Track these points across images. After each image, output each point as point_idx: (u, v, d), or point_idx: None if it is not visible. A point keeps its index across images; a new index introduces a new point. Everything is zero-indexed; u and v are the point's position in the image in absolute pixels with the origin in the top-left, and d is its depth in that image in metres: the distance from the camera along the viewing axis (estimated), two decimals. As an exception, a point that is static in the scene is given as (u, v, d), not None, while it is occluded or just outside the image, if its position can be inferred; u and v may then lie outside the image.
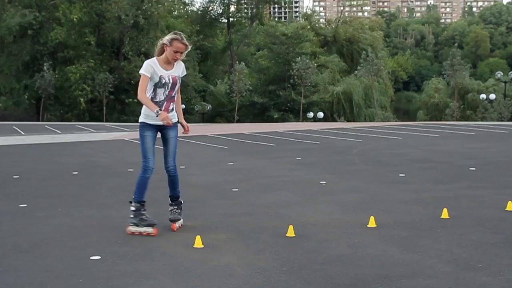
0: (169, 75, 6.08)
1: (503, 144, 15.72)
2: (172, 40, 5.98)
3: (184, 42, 6.00)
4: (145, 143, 6.18)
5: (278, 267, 5.00)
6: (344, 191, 8.77)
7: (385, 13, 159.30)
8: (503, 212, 6.99)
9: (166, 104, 6.14)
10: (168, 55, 6.04)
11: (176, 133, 6.34)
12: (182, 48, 6.01)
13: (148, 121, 6.14)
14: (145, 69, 6.03)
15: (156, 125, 6.15)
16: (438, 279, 4.64)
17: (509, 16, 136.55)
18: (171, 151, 6.38)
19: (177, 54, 6.02)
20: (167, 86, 6.08)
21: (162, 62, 6.09)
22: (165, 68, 6.08)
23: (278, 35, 50.74)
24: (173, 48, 5.98)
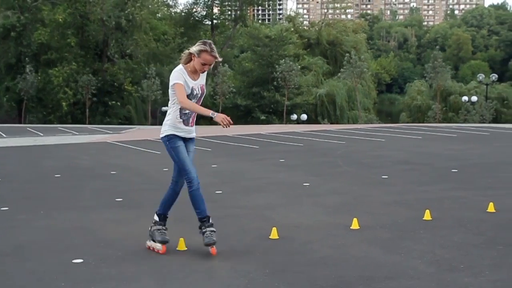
0: (198, 85, 5.71)
1: (484, 146, 15.85)
2: (201, 51, 5.51)
3: (214, 54, 5.55)
4: (180, 153, 5.70)
5: (261, 269, 5.01)
6: (327, 193, 8.80)
7: (368, 16, 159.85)
8: (485, 213, 7.05)
9: (193, 114, 5.78)
10: (195, 65, 5.60)
11: (194, 146, 5.97)
12: (211, 61, 5.59)
13: (176, 133, 5.72)
14: (177, 77, 5.57)
15: (182, 137, 5.76)
16: (420, 280, 4.67)
17: (490, 19, 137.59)
18: None
19: (205, 66, 5.62)
20: (196, 97, 5.72)
21: (190, 71, 5.65)
22: (193, 78, 5.66)
23: (262, 37, 50.79)
24: (201, 60, 5.55)
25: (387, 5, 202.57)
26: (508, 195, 8.27)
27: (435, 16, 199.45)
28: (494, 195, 8.15)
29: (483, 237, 5.94)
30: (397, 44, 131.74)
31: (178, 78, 5.56)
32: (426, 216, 6.77)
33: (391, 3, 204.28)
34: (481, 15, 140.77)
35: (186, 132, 5.76)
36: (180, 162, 5.70)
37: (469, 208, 7.36)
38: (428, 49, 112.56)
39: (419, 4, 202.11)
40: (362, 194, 8.58)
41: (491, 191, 8.63)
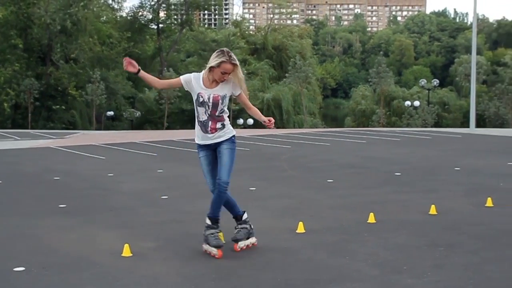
0: (210, 93, 5.60)
1: (427, 149, 16.17)
2: (221, 63, 5.45)
3: (233, 62, 5.49)
4: (202, 164, 5.86)
5: (207, 274, 5.00)
6: (273, 197, 8.84)
7: (313, 21, 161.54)
8: (427, 215, 7.20)
9: (211, 124, 5.65)
10: (215, 75, 5.55)
11: (231, 146, 5.76)
12: (230, 69, 5.50)
13: (199, 142, 5.80)
14: (184, 77, 5.76)
15: (208, 145, 5.74)
16: (365, 282, 4.74)
17: (431, 25, 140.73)
18: (222, 164, 5.67)
19: (225, 75, 5.53)
20: (207, 105, 5.61)
21: (207, 79, 5.62)
22: (208, 86, 5.62)
23: (208, 42, 50.83)
24: (220, 70, 5.49)
25: (332, 11, 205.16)
26: (449, 197, 8.47)
27: (378, 22, 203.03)
28: (435, 197, 8.34)
29: (425, 239, 6.06)
30: (342, 49, 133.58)
31: (184, 76, 5.76)
32: (370, 219, 6.88)
33: (336, 9, 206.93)
34: (422, 22, 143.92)
35: (207, 140, 5.72)
36: (204, 173, 5.85)
37: (412, 210, 7.51)
38: (372, 54, 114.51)
39: (363, 10, 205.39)
40: (307, 198, 8.65)
41: (433, 193, 8.82)
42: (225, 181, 5.61)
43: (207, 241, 5.71)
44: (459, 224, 6.73)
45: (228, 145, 5.72)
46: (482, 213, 7.37)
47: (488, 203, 7.79)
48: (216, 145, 5.73)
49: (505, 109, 44.21)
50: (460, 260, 5.31)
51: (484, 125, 42.38)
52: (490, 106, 44.44)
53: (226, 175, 5.63)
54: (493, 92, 47.73)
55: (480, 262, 5.24)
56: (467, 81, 50.71)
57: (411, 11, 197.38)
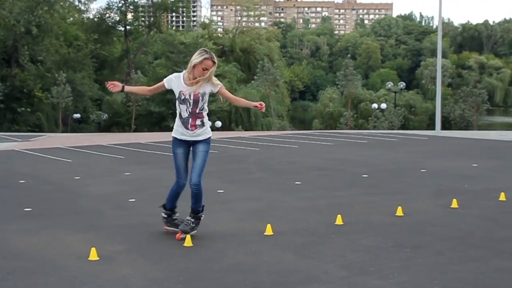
0: (191, 91, 6.06)
1: (393, 151, 16.33)
2: (204, 59, 6.01)
3: (214, 60, 6.06)
4: (176, 159, 6.29)
5: (175, 277, 4.97)
6: (241, 199, 8.84)
7: (281, 24, 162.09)
8: (394, 217, 7.26)
9: (191, 121, 6.10)
10: (196, 72, 6.05)
11: (206, 148, 6.25)
12: (211, 66, 6.03)
13: (177, 136, 6.22)
14: (166, 79, 6.25)
15: (186, 141, 6.20)
16: (332, 284, 4.76)
17: (398, 29, 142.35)
18: (196, 167, 6.22)
19: (205, 71, 6.02)
20: (188, 102, 6.06)
21: (188, 78, 6.09)
22: (188, 84, 6.07)
23: (176, 44, 50.52)
24: (202, 66, 6.01)
25: (300, 14, 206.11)
26: (415, 199, 8.57)
27: (346, 25, 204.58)
28: (402, 199, 8.42)
29: (392, 240, 6.12)
30: (310, 52, 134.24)
31: (166, 78, 6.25)
32: (338, 221, 6.92)
33: (303, 12, 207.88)
34: (389, 25, 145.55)
35: (187, 136, 6.16)
36: (175, 166, 6.33)
37: (379, 212, 7.57)
38: (340, 57, 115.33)
39: (331, 13, 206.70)
40: (275, 200, 8.67)
41: (399, 195, 8.91)
42: (195, 183, 6.18)
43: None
44: (425, 225, 6.81)
45: (203, 147, 6.19)
46: (447, 214, 7.46)
47: (454, 204, 7.90)
48: (193, 142, 6.18)
49: (470, 111, 44.82)
50: (426, 260, 5.37)
51: (450, 127, 42.91)
52: (455, 108, 44.99)
53: (197, 176, 6.17)
54: (458, 95, 48.32)
55: (446, 262, 5.31)
56: (432, 84, 51.29)
57: (378, 14, 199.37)
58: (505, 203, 8.12)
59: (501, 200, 8.32)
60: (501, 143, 18.95)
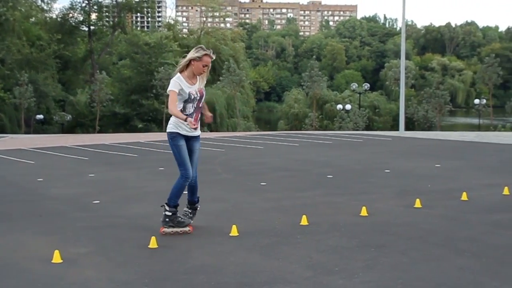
0: (196, 89, 6.33)
1: (358, 152, 16.47)
2: (203, 55, 6.25)
3: (212, 56, 6.32)
4: (182, 152, 6.37)
5: (140, 279, 4.94)
6: (206, 200, 8.81)
7: (246, 25, 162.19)
8: (358, 217, 7.33)
9: (195, 115, 6.38)
10: (195, 69, 6.28)
11: (199, 145, 6.66)
12: (209, 62, 6.31)
13: (180, 131, 6.36)
14: (173, 85, 6.21)
15: (185, 136, 6.42)
16: (297, 284, 4.78)
17: (362, 30, 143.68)
18: (194, 162, 6.57)
19: (205, 68, 6.31)
20: (195, 100, 6.34)
21: (187, 77, 6.29)
22: (191, 83, 6.30)
23: (141, 45, 50.19)
24: (202, 63, 6.25)
25: (265, 15, 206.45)
26: (379, 199, 8.65)
27: (311, 26, 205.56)
28: (366, 199, 8.50)
29: (356, 240, 6.17)
30: (275, 53, 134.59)
31: (174, 86, 6.21)
32: (303, 221, 6.95)
33: (269, 13, 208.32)
34: (353, 27, 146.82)
35: (189, 131, 6.35)
36: (180, 159, 6.37)
37: (344, 212, 7.62)
38: (305, 58, 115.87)
39: (296, 14, 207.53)
40: (241, 201, 8.67)
41: (363, 195, 8.99)
42: (196, 176, 6.64)
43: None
44: (389, 225, 6.88)
45: (199, 144, 6.63)
46: (411, 214, 7.55)
47: (417, 204, 7.99)
48: (191, 138, 6.47)
49: (433, 112, 45.42)
50: (390, 260, 5.42)
51: (413, 128, 43.43)
52: (419, 109, 45.56)
53: (195, 171, 6.60)
54: (421, 96, 48.92)
55: (409, 261, 5.37)
56: (396, 85, 51.84)
57: (342, 16, 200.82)
58: (467, 203, 8.25)
59: (463, 200, 8.45)
60: (463, 143, 19.25)
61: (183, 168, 6.39)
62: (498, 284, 4.70)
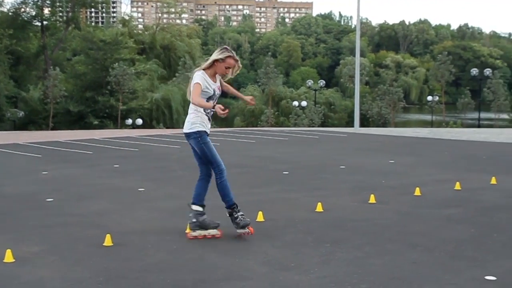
0: (215, 87, 6.35)
1: (313, 148, 16.58)
2: (226, 57, 6.21)
3: (236, 58, 6.30)
4: (212, 148, 6.41)
5: (94, 278, 4.89)
6: (162, 197, 8.77)
7: (202, 21, 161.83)
8: (314, 213, 7.38)
9: (212, 112, 6.35)
10: (218, 69, 6.28)
11: None
12: (233, 64, 6.28)
13: (206, 129, 6.41)
14: (200, 79, 6.18)
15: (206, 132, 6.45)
16: (253, 280, 4.79)
17: (318, 28, 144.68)
18: None
19: (228, 69, 6.28)
20: (215, 98, 6.38)
21: (210, 75, 6.29)
22: (212, 81, 6.32)
23: (96, 41, 49.56)
24: (225, 64, 6.23)
25: (221, 11, 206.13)
26: (334, 195, 8.73)
27: (267, 23, 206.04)
28: (322, 195, 8.56)
29: (312, 236, 6.21)
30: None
31: (200, 79, 6.19)
32: (259, 218, 6.97)
33: (225, 10, 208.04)
34: (309, 24, 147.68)
35: (208, 128, 6.45)
36: (213, 156, 6.38)
37: (299, 208, 7.67)
38: (261, 55, 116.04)
39: (252, 11, 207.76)
40: (197, 198, 8.63)
41: (319, 191, 9.06)
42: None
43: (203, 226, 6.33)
44: (344, 220, 6.95)
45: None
46: (365, 209, 7.64)
47: (371, 199, 8.10)
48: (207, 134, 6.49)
49: (387, 109, 46.06)
50: (345, 255, 5.48)
51: (368, 124, 43.97)
52: (373, 106, 46.14)
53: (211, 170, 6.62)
54: (376, 92, 49.60)
55: (364, 256, 5.43)
56: (351, 82, 52.37)
57: (298, 13, 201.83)
58: (420, 198, 8.39)
59: (416, 195, 8.59)
60: (416, 139, 19.56)
61: (215, 164, 6.42)
62: (450, 277, 4.80)
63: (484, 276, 4.81)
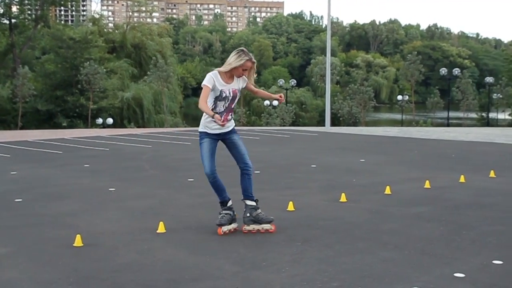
0: (229, 89, 6.33)
1: (285, 147, 16.63)
2: (245, 62, 6.26)
3: (253, 60, 6.38)
4: (203, 149, 6.50)
5: (64, 279, 4.84)
6: (133, 197, 8.72)
7: (173, 20, 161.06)
8: (285, 212, 7.40)
9: (225, 115, 6.36)
10: (235, 72, 6.32)
11: (239, 137, 6.68)
12: (250, 66, 6.37)
13: (209, 131, 6.44)
14: (208, 81, 6.23)
15: (216, 134, 6.46)
16: (225, 279, 4.79)
17: (289, 27, 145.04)
18: (243, 152, 6.70)
19: (245, 71, 6.36)
20: (227, 99, 6.34)
21: (224, 76, 6.32)
22: (226, 82, 6.31)
23: (65, 39, 49.01)
24: (243, 67, 6.29)
25: (192, 10, 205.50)
26: (304, 194, 8.77)
27: (238, 22, 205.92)
28: (293, 194, 8.60)
29: (283, 235, 6.23)
30: (202, 49, 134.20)
31: (208, 81, 6.24)
32: (231, 217, 6.96)
33: (196, 9, 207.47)
34: (280, 23, 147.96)
35: (218, 129, 6.38)
36: (201, 157, 6.52)
37: (271, 207, 7.67)
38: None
39: (223, 10, 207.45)
40: (168, 198, 8.62)
41: (290, 190, 9.09)
42: (251, 165, 6.77)
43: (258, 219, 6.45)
44: (315, 219, 6.98)
45: (237, 135, 6.65)
46: (336, 208, 7.69)
47: (342, 198, 8.15)
48: (224, 134, 6.51)
49: (358, 108, 46.36)
50: (316, 254, 5.51)
51: (339, 123, 44.22)
52: (344, 105, 46.39)
53: (249, 159, 6.75)
54: (347, 92, 49.89)
55: (335, 255, 5.47)
56: (322, 81, 52.67)
57: (269, 12, 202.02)
58: (390, 196, 8.47)
59: (387, 193, 8.66)
60: (386, 138, 19.73)
61: (203, 165, 6.55)
62: (419, 275, 4.85)
63: (453, 273, 4.88)
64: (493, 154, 14.76)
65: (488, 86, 51.07)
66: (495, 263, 5.18)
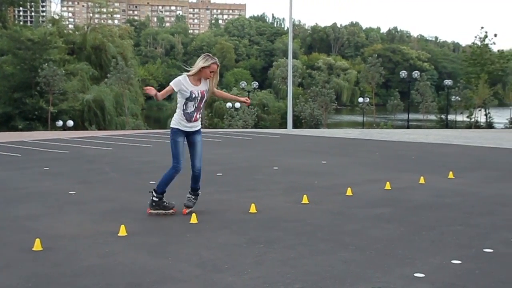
0: (198, 90, 7.20)
1: (247, 150, 16.63)
2: (211, 64, 7.13)
3: (218, 63, 7.24)
4: (177, 146, 7.34)
5: (23, 284, 4.76)
6: (94, 200, 8.63)
7: (135, 22, 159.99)
8: (247, 214, 7.41)
9: (195, 114, 7.31)
10: (203, 74, 7.19)
11: (201, 138, 7.48)
12: (215, 68, 7.21)
13: (180, 128, 7.30)
14: (175, 83, 7.18)
15: (185, 131, 7.33)
16: (187, 282, 4.78)
17: (251, 29, 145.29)
18: (198, 154, 7.45)
19: (212, 73, 7.20)
20: (196, 99, 7.22)
21: (193, 79, 7.18)
22: (195, 84, 7.19)
23: (24, 40, 48.23)
24: (210, 69, 7.15)
25: (154, 12, 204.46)
26: (266, 196, 8.79)
27: (200, 24, 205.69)
28: (255, 196, 8.61)
29: (245, 237, 6.23)
30: (164, 51, 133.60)
31: (174, 83, 7.17)
32: (193, 220, 6.95)
33: (157, 10, 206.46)
34: (242, 26, 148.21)
35: (189, 127, 7.31)
36: (175, 153, 7.38)
37: (233, 209, 7.69)
38: (194, 56, 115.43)
39: (185, 12, 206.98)
40: (129, 201, 8.55)
41: (252, 192, 9.10)
42: (199, 167, 7.51)
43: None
44: (277, 221, 7.00)
45: (200, 137, 7.45)
46: (298, 210, 7.72)
47: (304, 200, 8.19)
48: (192, 133, 7.35)
49: (319, 110, 46.64)
50: (279, 255, 5.52)
51: (301, 125, 44.43)
52: (306, 107, 46.61)
53: (200, 162, 7.51)
54: (308, 94, 50.08)
55: (297, 256, 5.49)
56: (284, 83, 52.88)
57: (231, 14, 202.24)
58: (351, 198, 8.54)
59: (348, 195, 8.74)
60: (348, 140, 19.89)
61: (175, 160, 7.35)
62: (380, 275, 4.90)
63: (413, 273, 4.94)
64: (451, 155, 15.01)
65: (446, 89, 51.88)
66: (454, 263, 5.27)
